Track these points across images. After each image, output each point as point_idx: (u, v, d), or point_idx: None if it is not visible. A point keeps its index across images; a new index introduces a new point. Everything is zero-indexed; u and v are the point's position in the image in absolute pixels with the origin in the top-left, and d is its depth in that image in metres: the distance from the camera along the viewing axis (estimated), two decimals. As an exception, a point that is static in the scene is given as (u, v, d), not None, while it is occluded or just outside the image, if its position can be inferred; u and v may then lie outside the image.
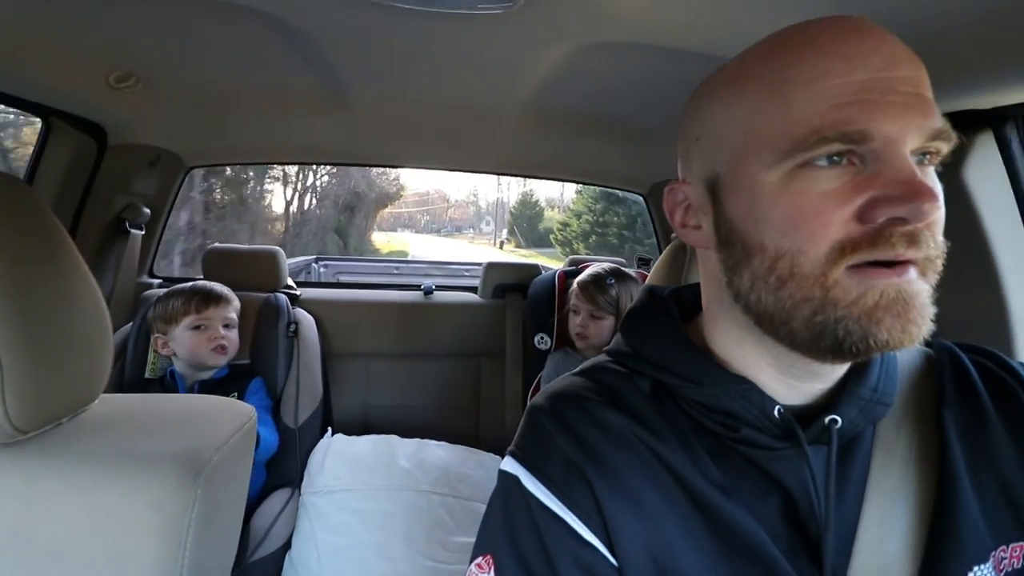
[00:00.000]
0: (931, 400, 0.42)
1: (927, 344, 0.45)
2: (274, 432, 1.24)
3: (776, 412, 0.38)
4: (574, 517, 0.38)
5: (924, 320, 0.33)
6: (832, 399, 0.40)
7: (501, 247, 23.71)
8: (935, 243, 0.34)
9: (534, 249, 21.23)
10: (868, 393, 0.39)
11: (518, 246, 23.47)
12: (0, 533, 0.46)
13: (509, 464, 0.42)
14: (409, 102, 1.19)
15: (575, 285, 1.38)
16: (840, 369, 0.40)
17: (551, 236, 19.30)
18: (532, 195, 24.61)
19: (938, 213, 0.33)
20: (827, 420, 0.38)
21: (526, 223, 24.44)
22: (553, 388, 0.46)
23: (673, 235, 1.74)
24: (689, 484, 0.38)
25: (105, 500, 0.47)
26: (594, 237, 16.00)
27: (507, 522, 0.40)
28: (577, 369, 0.48)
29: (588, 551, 0.37)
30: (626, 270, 1.39)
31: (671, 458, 0.39)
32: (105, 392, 0.54)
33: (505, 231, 26.33)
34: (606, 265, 1.41)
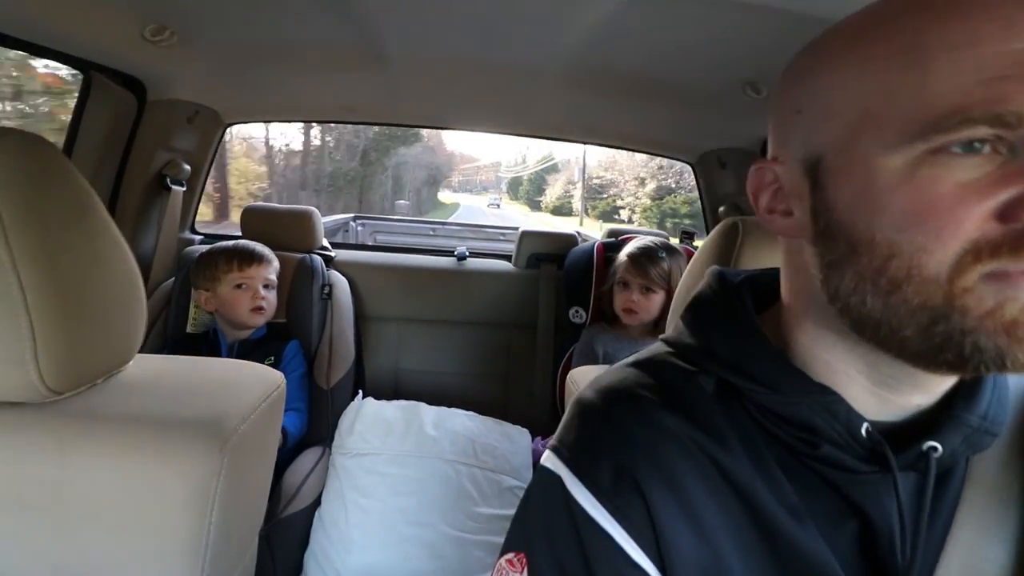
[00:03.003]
0: None
1: None
2: (302, 416, 1.26)
3: (864, 431, 0.33)
4: (623, 532, 0.34)
5: None
6: (930, 419, 0.34)
7: (499, 199, 48.86)
8: None
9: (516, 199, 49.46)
10: (977, 420, 0.33)
11: (512, 199, 53.21)
12: (36, 492, 0.47)
13: (551, 461, 0.38)
14: (449, 60, 1.13)
15: (623, 257, 1.31)
16: (948, 381, 0.34)
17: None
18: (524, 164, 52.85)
19: None
20: (925, 447, 0.33)
21: (519, 185, 55.72)
22: (604, 381, 0.41)
23: (722, 210, 1.64)
24: (754, 501, 0.34)
25: (135, 464, 0.47)
26: (526, 193, 47.67)
27: (546, 525, 0.37)
28: (631, 360, 0.43)
29: (636, 573, 0.34)
30: (673, 244, 1.32)
31: (736, 471, 0.34)
32: (151, 345, 0.54)
33: (506, 189, 57.28)
34: (653, 238, 1.35)
